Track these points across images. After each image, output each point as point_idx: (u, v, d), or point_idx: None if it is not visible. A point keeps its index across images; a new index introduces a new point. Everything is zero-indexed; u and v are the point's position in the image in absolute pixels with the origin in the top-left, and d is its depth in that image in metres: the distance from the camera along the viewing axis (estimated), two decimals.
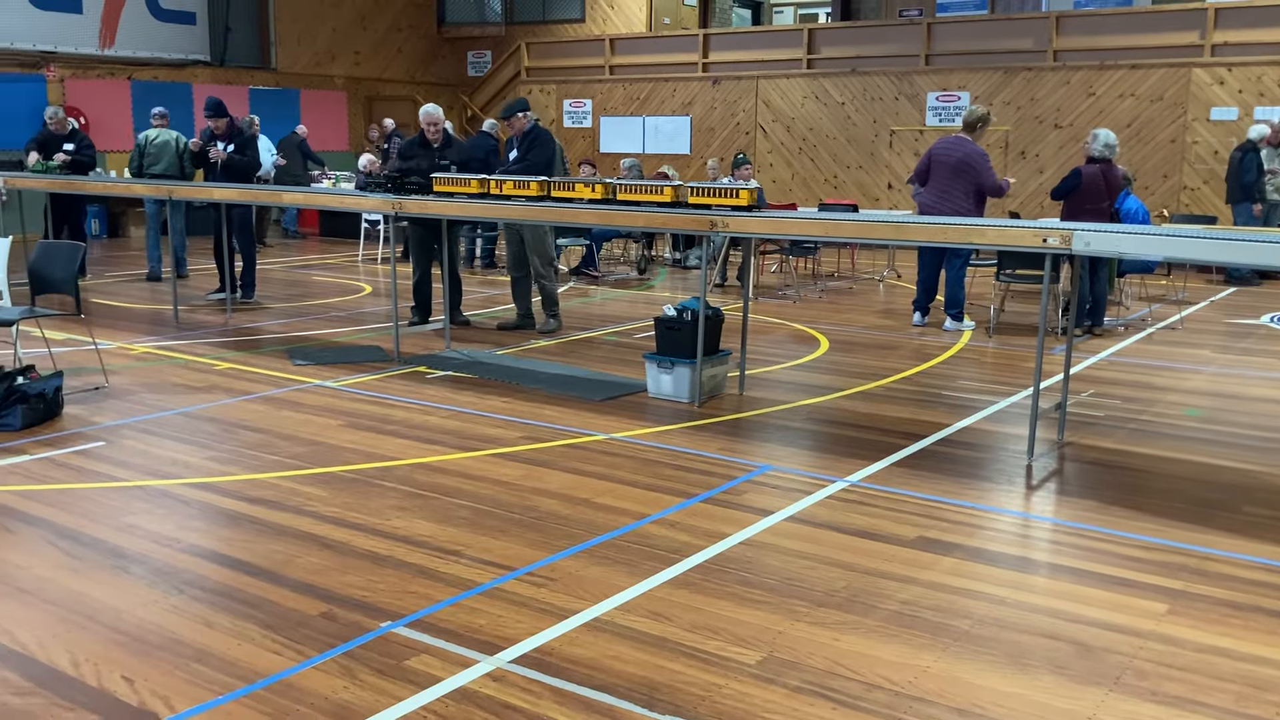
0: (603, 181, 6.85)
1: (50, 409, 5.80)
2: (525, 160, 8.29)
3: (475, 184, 7.26)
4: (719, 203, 6.31)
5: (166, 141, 11.29)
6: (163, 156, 11.23)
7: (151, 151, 11.25)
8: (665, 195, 6.47)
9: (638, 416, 6.14)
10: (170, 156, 11.24)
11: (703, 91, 18.23)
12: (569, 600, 3.65)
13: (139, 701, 2.96)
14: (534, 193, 6.97)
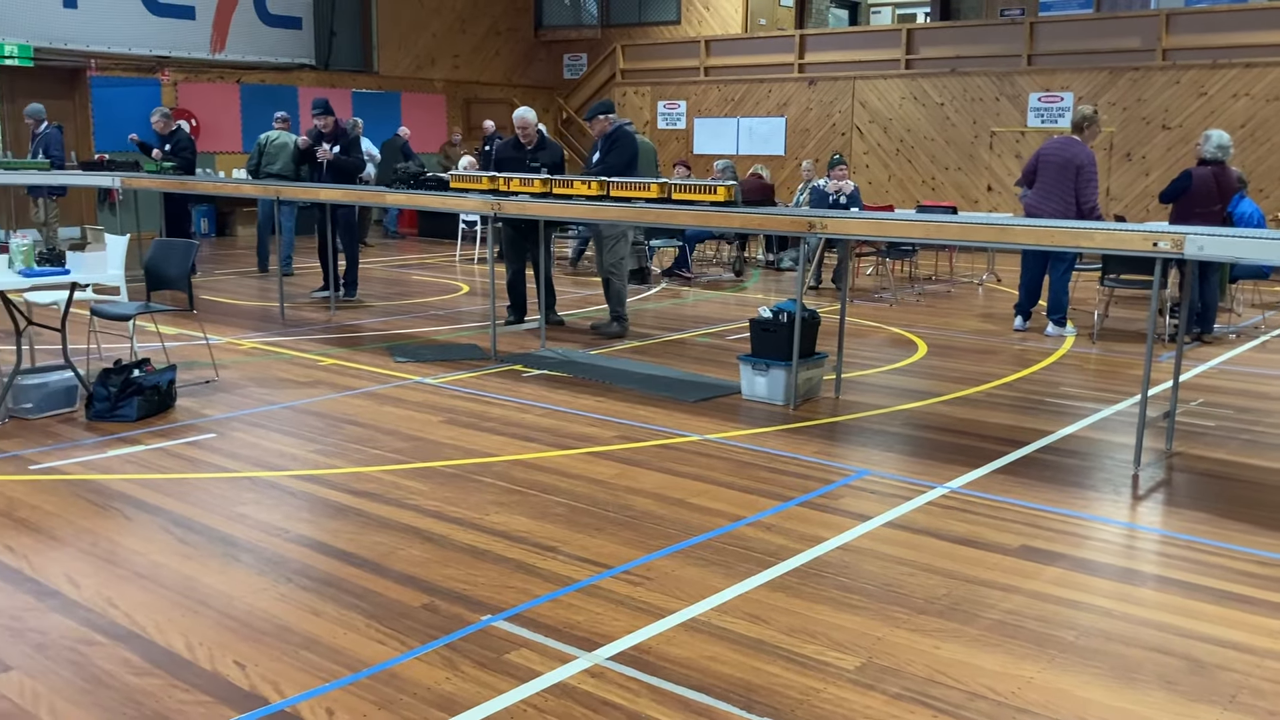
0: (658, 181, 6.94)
1: (164, 401, 6.01)
2: (604, 162, 8.36)
3: (538, 184, 7.39)
4: (699, 199, 6.40)
5: (285, 144, 11.75)
6: (279, 158, 11.71)
7: (270, 152, 11.78)
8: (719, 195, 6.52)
9: (731, 418, 6.13)
10: (286, 158, 11.70)
11: (798, 92, 18.11)
12: (665, 600, 3.66)
13: (250, 686, 3.05)
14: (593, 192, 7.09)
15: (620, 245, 8.63)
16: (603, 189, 7.07)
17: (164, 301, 7.24)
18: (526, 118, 8.68)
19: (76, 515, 4.39)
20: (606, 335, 8.58)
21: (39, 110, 12.33)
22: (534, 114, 8.79)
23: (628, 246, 8.74)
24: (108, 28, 15.45)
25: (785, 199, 15.84)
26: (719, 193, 6.55)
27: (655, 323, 9.43)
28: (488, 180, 7.61)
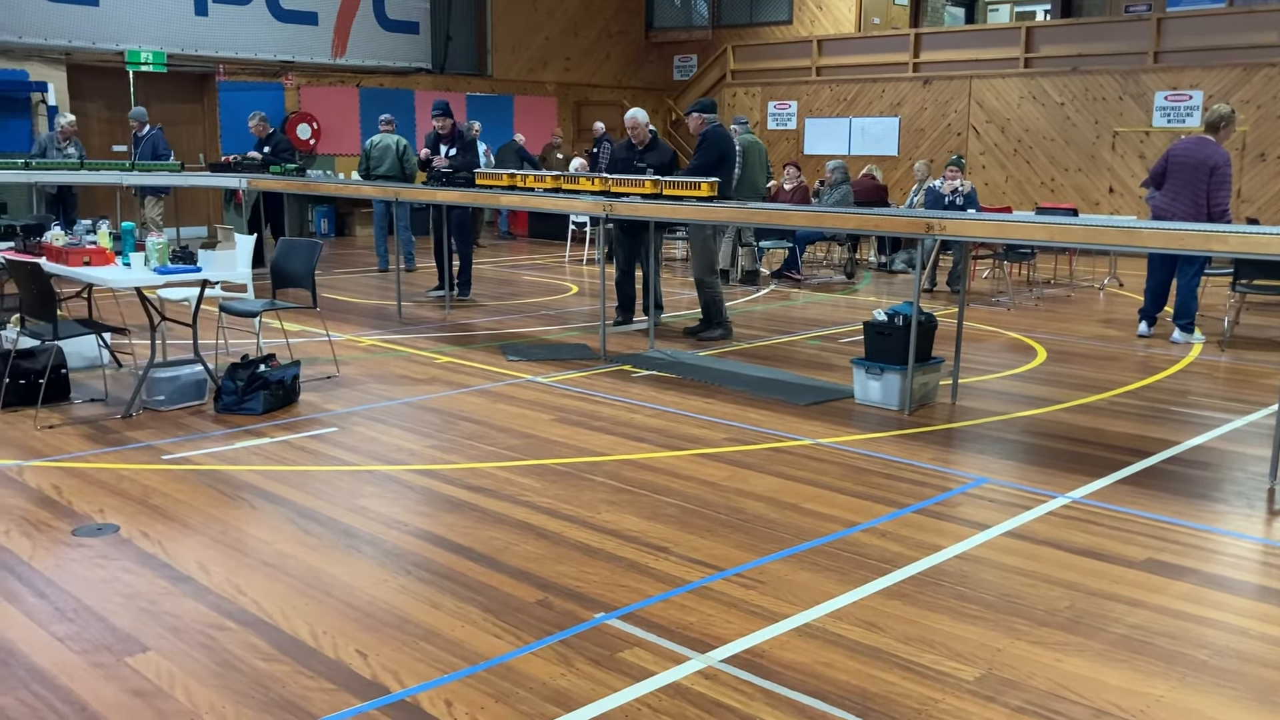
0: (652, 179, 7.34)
1: (289, 395, 6.21)
2: (693, 163, 8.36)
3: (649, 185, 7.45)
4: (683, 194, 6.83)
5: (388, 146, 12.09)
6: (385, 160, 12.07)
7: (375, 155, 12.13)
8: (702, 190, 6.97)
9: (844, 422, 6.06)
10: (391, 159, 12.03)
11: (913, 92, 17.81)
12: (778, 604, 3.64)
13: (371, 674, 3.13)
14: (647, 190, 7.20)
15: (711, 248, 8.52)
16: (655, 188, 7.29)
17: (288, 299, 7.48)
18: (637, 118, 8.72)
19: (206, 504, 4.56)
20: (707, 339, 8.48)
21: (142, 113, 12.91)
22: (645, 115, 8.81)
23: (722, 249, 8.59)
24: (235, 34, 16.01)
25: (898, 200, 15.59)
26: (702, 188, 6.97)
27: (764, 325, 9.37)
28: (599, 181, 7.70)
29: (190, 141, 15.85)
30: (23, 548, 4.03)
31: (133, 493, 4.66)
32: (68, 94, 14.53)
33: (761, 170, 11.96)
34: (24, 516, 4.36)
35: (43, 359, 6.08)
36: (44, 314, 5.65)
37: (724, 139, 8.47)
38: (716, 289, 8.59)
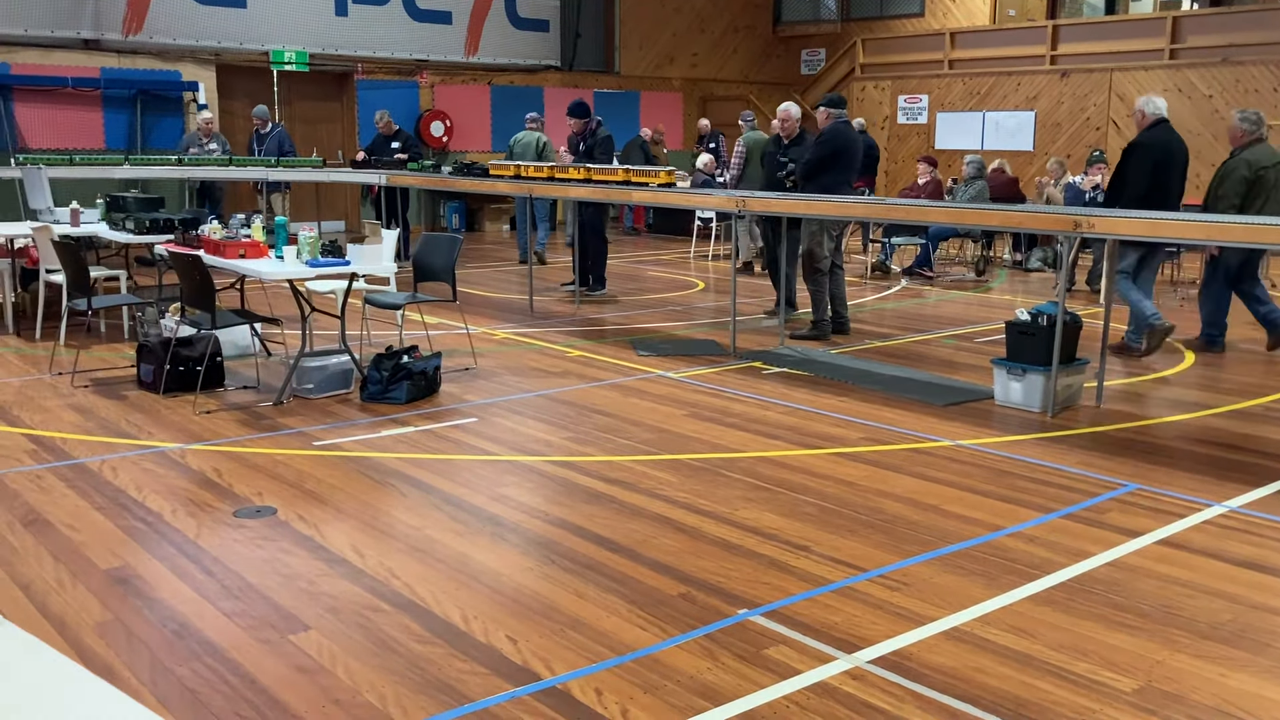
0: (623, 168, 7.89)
1: (430, 386, 6.37)
2: (808, 157, 8.28)
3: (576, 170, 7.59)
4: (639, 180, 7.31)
5: (529, 143, 12.42)
6: (525, 156, 12.41)
7: (517, 151, 12.52)
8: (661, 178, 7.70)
9: (984, 424, 5.93)
10: (531, 156, 12.31)
11: (1049, 85, 17.29)
12: (924, 607, 3.59)
13: (522, 661, 3.20)
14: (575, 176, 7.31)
15: (816, 244, 8.22)
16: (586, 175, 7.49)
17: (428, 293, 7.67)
18: (789, 111, 8.63)
19: (357, 489, 4.72)
20: (798, 338, 8.18)
21: (264, 111, 13.43)
22: (796, 109, 8.67)
23: (828, 246, 8.27)
24: (373, 33, 16.48)
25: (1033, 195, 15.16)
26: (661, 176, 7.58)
27: (897, 323, 9.23)
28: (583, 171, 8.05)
29: (330, 139, 16.38)
30: (189, 527, 4.24)
31: (288, 477, 4.86)
32: (216, 93, 15.16)
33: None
34: (188, 497, 4.59)
35: (200, 347, 6.38)
36: (204, 304, 5.92)
37: (841, 135, 8.28)
38: (819, 285, 8.36)
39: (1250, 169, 7.52)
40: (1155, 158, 7.37)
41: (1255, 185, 7.51)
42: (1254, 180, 7.51)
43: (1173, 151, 7.46)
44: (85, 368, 6.98)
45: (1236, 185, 7.55)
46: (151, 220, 7.83)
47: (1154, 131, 7.51)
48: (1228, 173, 7.68)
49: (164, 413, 5.95)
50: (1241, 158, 7.63)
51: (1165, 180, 7.37)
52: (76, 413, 5.94)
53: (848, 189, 8.17)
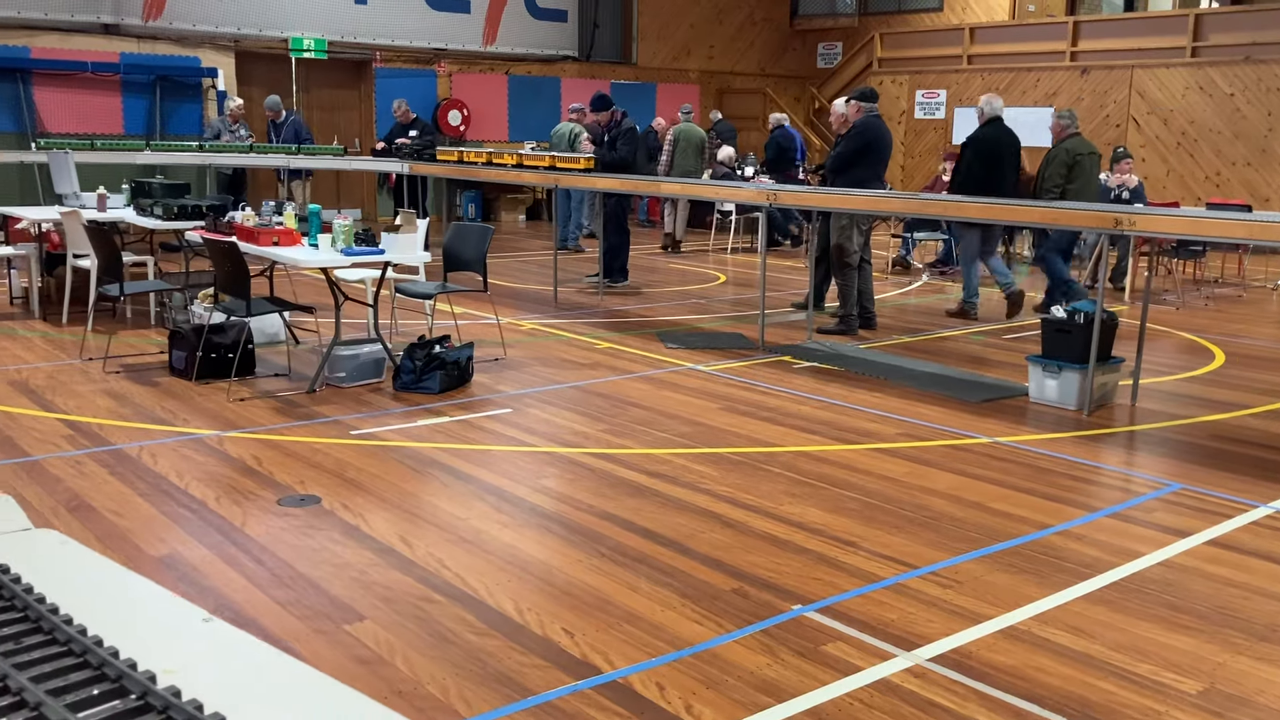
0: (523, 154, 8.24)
1: (463, 376, 6.36)
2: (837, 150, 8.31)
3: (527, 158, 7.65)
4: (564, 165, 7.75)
5: (563, 134, 12.64)
6: (558, 146, 12.57)
7: (554, 142, 12.82)
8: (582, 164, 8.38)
9: (1019, 421, 5.91)
10: (563, 146, 12.47)
11: (1069, 82, 17.22)
12: (979, 605, 3.57)
13: (581, 654, 3.18)
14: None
15: (846, 238, 8.15)
16: None
17: (456, 282, 7.64)
18: (835, 108, 8.56)
19: (398, 479, 4.70)
20: (824, 333, 8.13)
21: (276, 102, 13.44)
22: (840, 105, 8.53)
23: (857, 240, 8.18)
24: (392, 22, 16.44)
25: None
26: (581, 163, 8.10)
27: (923, 319, 9.20)
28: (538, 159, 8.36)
29: (348, 127, 16.35)
30: (234, 515, 4.22)
31: (328, 465, 4.84)
32: (235, 80, 15.13)
33: (695, 156, 13.46)
34: (230, 484, 4.57)
35: (232, 334, 6.36)
36: (238, 291, 5.91)
37: (870, 129, 8.23)
38: (848, 279, 8.28)
39: (1069, 156, 8.95)
40: (987, 150, 8.77)
41: (1073, 169, 8.93)
42: (1072, 165, 8.93)
43: (1002, 145, 8.88)
44: (114, 353, 6.97)
45: (1059, 170, 8.94)
46: (180, 206, 7.80)
47: (987, 129, 8.89)
48: (1050, 160, 9.11)
49: (198, 399, 5.94)
50: (1061, 148, 9.05)
51: (999, 170, 8.81)
52: (110, 398, 5.93)
53: (878, 183, 8.13)
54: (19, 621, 1.39)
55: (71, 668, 1.31)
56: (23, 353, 7.05)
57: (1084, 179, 8.96)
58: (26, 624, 1.38)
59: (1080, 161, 8.96)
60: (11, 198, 11.97)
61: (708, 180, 12.35)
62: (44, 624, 1.37)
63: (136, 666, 1.29)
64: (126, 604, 1.55)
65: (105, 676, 1.29)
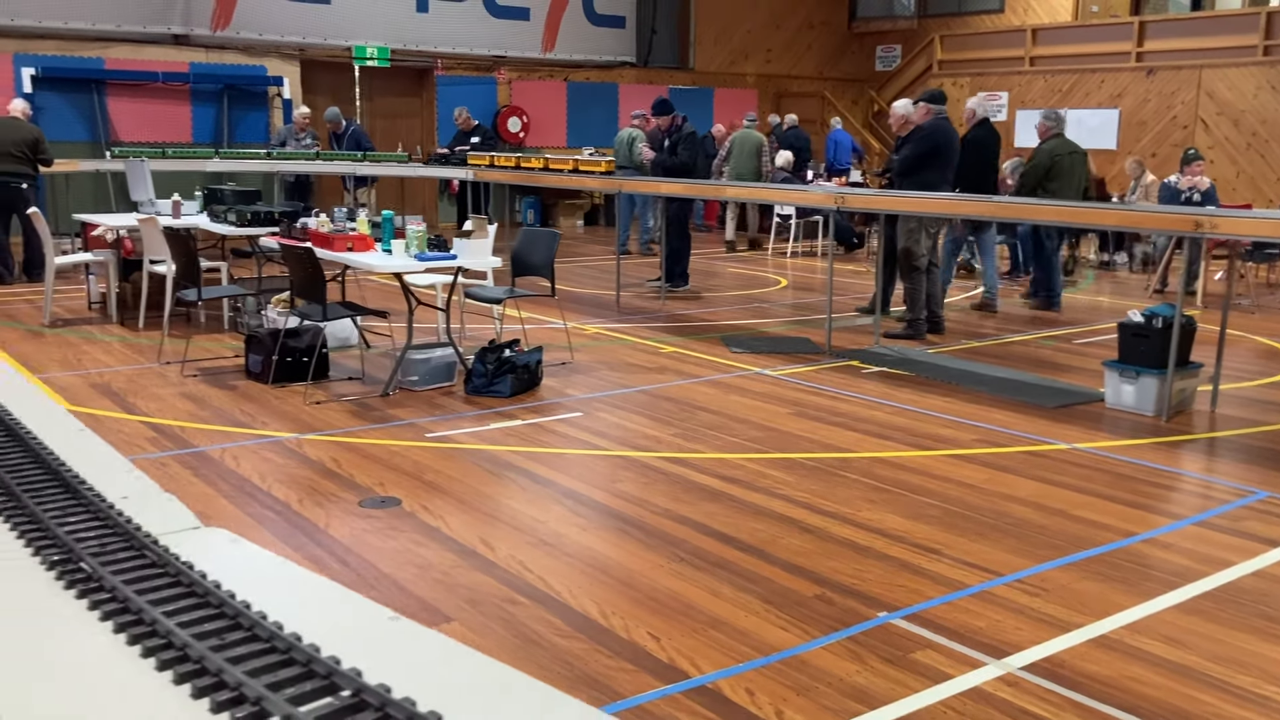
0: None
1: (533, 380, 6.39)
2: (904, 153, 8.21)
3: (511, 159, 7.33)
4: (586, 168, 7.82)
5: (623, 139, 12.78)
6: (619, 151, 12.77)
7: (616, 147, 12.94)
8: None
9: (1096, 426, 5.81)
10: (623, 151, 12.66)
11: (1134, 83, 16.94)
12: (1068, 613, 3.51)
13: (668, 658, 3.18)
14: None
15: (914, 242, 8.04)
16: None
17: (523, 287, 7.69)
18: (894, 109, 8.50)
19: (475, 481, 4.74)
20: (891, 337, 8.03)
21: (336, 113, 13.64)
22: (903, 106, 8.47)
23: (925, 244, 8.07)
24: (453, 30, 16.60)
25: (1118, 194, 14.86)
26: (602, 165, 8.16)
27: (992, 324, 9.09)
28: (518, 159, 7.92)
29: (409, 134, 16.52)
30: (318, 516, 4.28)
31: (406, 468, 4.89)
32: (300, 88, 15.36)
33: (750, 161, 13.37)
34: (312, 486, 4.64)
35: (307, 338, 6.45)
36: (315, 296, 5.99)
37: (938, 132, 8.13)
38: (916, 283, 8.19)
39: (1049, 156, 9.50)
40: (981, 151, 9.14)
41: (1053, 169, 9.44)
42: (1050, 165, 9.45)
43: (992, 146, 9.35)
44: (191, 357, 7.10)
45: (1038, 170, 9.51)
46: (252, 213, 7.93)
47: (978, 130, 9.27)
48: (1034, 159, 9.68)
49: (275, 402, 6.03)
50: (1043, 148, 9.62)
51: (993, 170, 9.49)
52: (190, 401, 6.04)
53: (946, 186, 8.05)
54: (217, 618, 1.42)
55: (278, 664, 1.33)
56: (102, 356, 7.21)
57: (1064, 178, 9.40)
58: (224, 620, 1.41)
59: (1059, 161, 9.44)
60: (86, 205, 12.24)
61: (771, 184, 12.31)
62: (242, 620, 1.39)
63: (340, 663, 1.31)
64: (311, 601, 1.58)
65: (314, 673, 1.31)
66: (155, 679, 1.32)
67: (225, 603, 1.45)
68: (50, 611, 1.53)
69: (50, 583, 1.62)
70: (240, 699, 1.25)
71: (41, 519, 1.78)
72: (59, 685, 1.32)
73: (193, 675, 1.31)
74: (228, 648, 1.34)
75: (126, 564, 1.63)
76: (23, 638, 1.44)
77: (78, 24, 13.67)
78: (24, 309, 9.01)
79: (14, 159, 10.06)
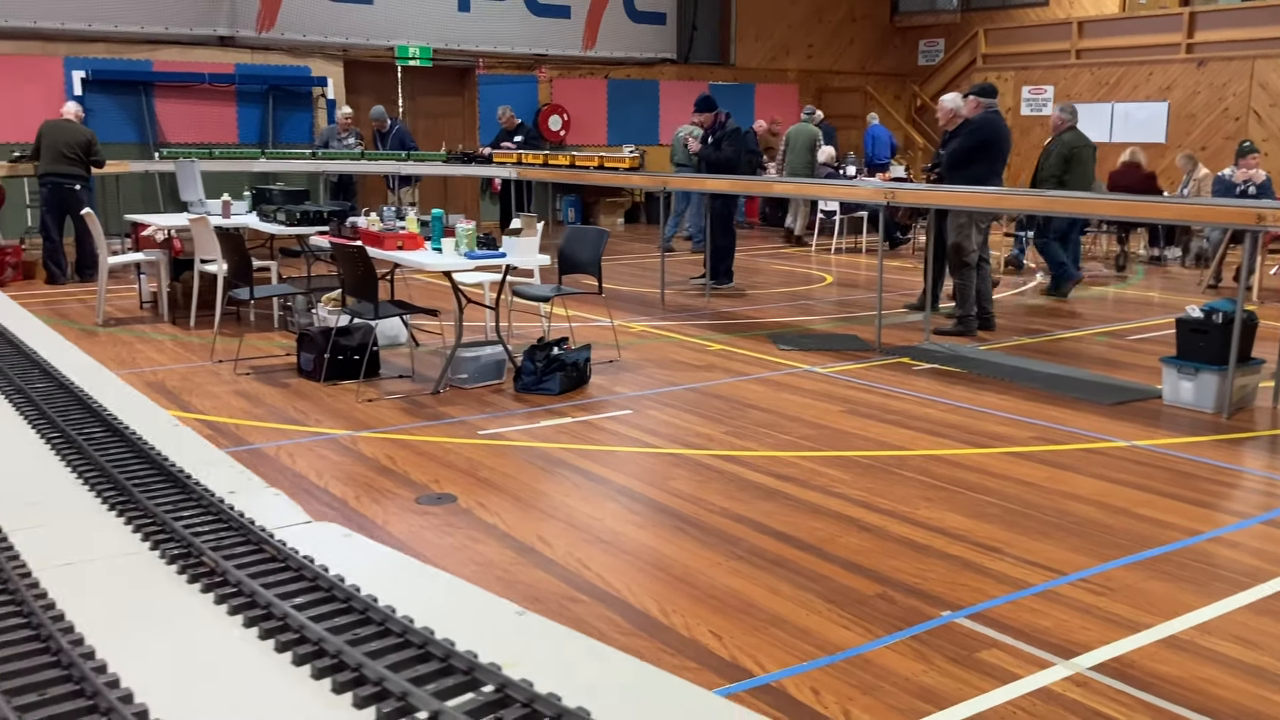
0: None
1: (581, 378, 6.39)
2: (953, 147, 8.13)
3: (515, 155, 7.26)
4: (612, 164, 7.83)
5: (680, 137, 12.78)
6: (675, 149, 12.81)
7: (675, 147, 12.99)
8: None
9: (1154, 424, 5.72)
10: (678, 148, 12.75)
11: (1184, 75, 16.67)
12: (1135, 613, 3.45)
13: (730, 657, 3.16)
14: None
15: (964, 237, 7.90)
16: None
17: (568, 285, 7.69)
18: (941, 105, 8.42)
19: (529, 479, 4.74)
20: (942, 334, 7.94)
21: (381, 112, 13.75)
22: (952, 100, 8.35)
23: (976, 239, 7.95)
24: (494, 28, 16.64)
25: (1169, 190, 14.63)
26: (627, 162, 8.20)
27: (1043, 320, 8.98)
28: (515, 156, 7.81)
29: (451, 133, 16.58)
30: (375, 513, 4.30)
31: (460, 465, 4.90)
32: (344, 88, 15.47)
33: (804, 155, 13.57)
34: (368, 484, 4.66)
35: (358, 336, 6.49)
36: (367, 294, 6.02)
37: (988, 125, 8.03)
38: (966, 279, 8.08)
39: (1067, 148, 9.64)
40: None
41: (1070, 161, 9.57)
42: (1069, 157, 9.59)
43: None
44: (243, 356, 7.17)
45: (1058, 162, 9.59)
46: (301, 212, 7.99)
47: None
48: (1049, 153, 9.77)
49: (327, 400, 6.07)
50: (1060, 140, 9.74)
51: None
52: (244, 399, 6.09)
53: (997, 181, 7.96)
54: (345, 613, 1.42)
55: (415, 659, 1.32)
56: (156, 355, 7.30)
57: (1080, 170, 9.57)
58: (354, 614, 1.41)
59: (1078, 154, 9.62)
60: (135, 205, 12.39)
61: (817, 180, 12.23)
62: (373, 615, 1.39)
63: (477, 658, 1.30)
64: (436, 596, 1.58)
65: (453, 668, 1.29)
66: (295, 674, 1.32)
67: (353, 597, 1.44)
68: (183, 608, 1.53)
69: (173, 577, 1.62)
70: (384, 694, 1.24)
71: (157, 514, 1.79)
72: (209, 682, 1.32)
73: (331, 670, 1.30)
74: (362, 642, 1.33)
75: (248, 558, 1.64)
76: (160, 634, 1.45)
77: (127, 27, 13.84)
78: (77, 308, 9.15)
79: (67, 160, 10.22)
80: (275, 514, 1.86)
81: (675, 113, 17.70)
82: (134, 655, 1.36)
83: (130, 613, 1.51)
